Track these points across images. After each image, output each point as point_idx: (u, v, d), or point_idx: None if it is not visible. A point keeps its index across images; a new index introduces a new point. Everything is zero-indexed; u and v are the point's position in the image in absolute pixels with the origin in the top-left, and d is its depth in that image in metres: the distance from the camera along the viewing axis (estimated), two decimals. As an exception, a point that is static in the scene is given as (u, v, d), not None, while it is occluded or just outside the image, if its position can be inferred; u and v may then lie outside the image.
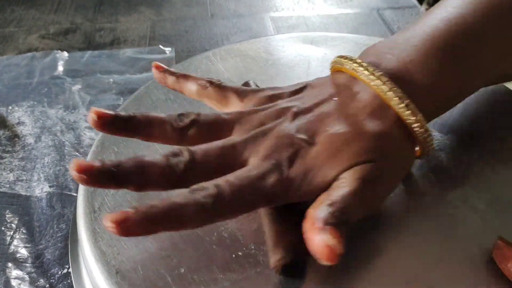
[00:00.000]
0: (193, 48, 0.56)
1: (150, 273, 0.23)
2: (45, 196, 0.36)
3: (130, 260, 0.24)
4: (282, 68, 0.40)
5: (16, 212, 0.34)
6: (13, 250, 0.32)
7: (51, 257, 0.31)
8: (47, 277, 0.30)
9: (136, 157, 0.22)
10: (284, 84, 0.37)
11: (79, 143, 0.41)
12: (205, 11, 0.64)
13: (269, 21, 0.61)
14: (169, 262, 0.24)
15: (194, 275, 0.23)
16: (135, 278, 0.23)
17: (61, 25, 0.61)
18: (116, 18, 0.62)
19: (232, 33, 0.59)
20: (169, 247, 0.25)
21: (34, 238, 0.33)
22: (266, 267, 0.23)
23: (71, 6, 0.65)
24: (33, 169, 0.38)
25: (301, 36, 0.45)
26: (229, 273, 0.23)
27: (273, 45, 0.43)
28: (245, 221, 0.26)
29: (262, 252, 0.24)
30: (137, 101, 0.35)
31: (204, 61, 0.40)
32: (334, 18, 0.62)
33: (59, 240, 0.32)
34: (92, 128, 0.44)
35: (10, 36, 0.58)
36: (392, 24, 0.60)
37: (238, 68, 0.39)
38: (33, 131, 0.42)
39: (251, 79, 0.35)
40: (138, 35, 0.58)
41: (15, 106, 0.45)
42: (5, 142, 0.41)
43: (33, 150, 0.40)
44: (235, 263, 0.24)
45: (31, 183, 0.37)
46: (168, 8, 0.65)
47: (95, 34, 0.59)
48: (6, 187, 0.36)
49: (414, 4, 0.66)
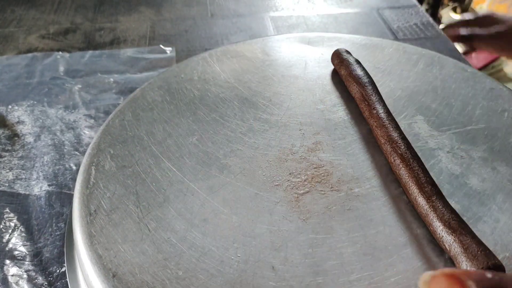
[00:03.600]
0: (193, 48, 0.56)
1: (147, 276, 0.24)
2: (44, 194, 0.36)
3: (127, 263, 0.24)
4: (279, 68, 0.40)
5: (15, 210, 0.35)
6: (11, 248, 0.32)
7: (49, 255, 0.32)
8: (45, 275, 0.31)
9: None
10: (281, 85, 0.38)
11: (79, 142, 0.41)
12: (205, 11, 0.64)
13: (269, 21, 0.62)
14: (167, 265, 0.24)
15: (192, 278, 0.23)
16: (132, 282, 0.23)
17: (61, 25, 0.61)
18: (116, 18, 0.62)
19: (232, 33, 0.59)
20: (166, 250, 0.25)
21: (33, 236, 0.33)
22: (260, 267, 0.24)
23: (71, 6, 0.65)
24: (32, 168, 0.39)
25: (298, 37, 0.45)
26: (226, 274, 0.24)
27: (269, 45, 0.43)
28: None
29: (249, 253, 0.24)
30: (133, 103, 0.36)
31: (201, 63, 0.40)
32: (334, 18, 0.62)
33: (58, 239, 0.33)
34: (91, 127, 0.45)
35: (10, 36, 0.58)
36: (392, 23, 0.60)
37: (235, 69, 0.40)
38: (32, 130, 0.43)
39: (248, 79, 0.35)
40: (138, 35, 0.59)
41: (15, 105, 0.46)
42: (5, 141, 0.41)
43: (32, 149, 0.41)
44: (230, 266, 0.24)
45: (30, 182, 0.37)
46: (168, 8, 0.65)
47: (95, 34, 0.59)
48: (5, 186, 0.37)
49: (414, 4, 0.65)
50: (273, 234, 0.26)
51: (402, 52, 0.41)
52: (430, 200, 0.25)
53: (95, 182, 0.29)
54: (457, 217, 0.24)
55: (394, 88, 0.37)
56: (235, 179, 0.29)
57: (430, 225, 0.24)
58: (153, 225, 0.26)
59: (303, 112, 0.35)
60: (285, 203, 0.28)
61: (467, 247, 0.22)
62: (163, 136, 0.33)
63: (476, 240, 0.23)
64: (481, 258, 0.22)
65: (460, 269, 0.19)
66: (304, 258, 0.24)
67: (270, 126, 0.34)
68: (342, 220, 0.26)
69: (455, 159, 0.30)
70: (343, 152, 0.31)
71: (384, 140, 0.29)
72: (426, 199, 0.25)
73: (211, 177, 0.29)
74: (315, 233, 0.26)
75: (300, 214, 0.27)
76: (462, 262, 0.22)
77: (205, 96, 0.36)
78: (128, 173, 0.30)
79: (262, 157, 0.31)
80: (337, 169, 0.30)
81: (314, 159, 0.31)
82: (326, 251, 0.25)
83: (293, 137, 0.33)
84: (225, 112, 0.35)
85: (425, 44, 0.56)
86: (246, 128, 0.33)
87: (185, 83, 0.38)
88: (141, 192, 0.28)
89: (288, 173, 0.30)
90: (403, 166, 0.27)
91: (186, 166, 0.30)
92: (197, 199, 0.28)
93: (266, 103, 0.36)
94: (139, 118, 0.34)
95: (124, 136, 0.33)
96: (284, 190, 0.28)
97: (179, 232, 0.26)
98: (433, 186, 0.26)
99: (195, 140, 0.32)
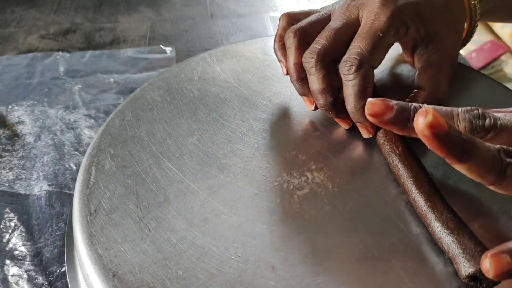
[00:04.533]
0: (192, 47, 0.56)
1: (147, 276, 0.24)
2: (44, 194, 0.36)
3: (127, 263, 0.24)
4: (278, 68, 0.40)
5: (15, 210, 0.35)
6: (11, 248, 0.32)
7: (49, 255, 0.32)
8: (45, 275, 0.31)
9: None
10: (281, 85, 0.38)
11: (79, 142, 0.41)
12: (205, 11, 0.64)
13: (269, 20, 0.62)
14: (167, 264, 0.24)
15: (192, 278, 0.23)
16: (132, 281, 0.23)
17: (61, 25, 0.61)
18: (116, 18, 0.63)
19: (232, 33, 0.59)
20: (166, 249, 0.25)
21: (33, 236, 0.33)
22: (257, 267, 0.24)
23: (71, 6, 0.65)
24: (32, 168, 0.39)
25: (298, 37, 0.45)
26: (226, 273, 0.24)
27: (269, 45, 0.43)
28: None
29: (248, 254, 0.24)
30: (133, 103, 0.36)
31: (201, 63, 0.40)
32: (333, 18, 0.62)
33: (58, 239, 0.33)
34: (91, 127, 0.45)
35: (10, 36, 0.58)
36: (391, 24, 0.60)
37: (235, 69, 0.40)
38: (32, 130, 0.43)
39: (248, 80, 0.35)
40: (138, 35, 0.59)
41: (15, 105, 0.46)
42: (5, 141, 0.41)
43: (32, 149, 0.41)
44: (230, 266, 0.24)
45: (30, 182, 0.37)
46: (168, 8, 0.65)
47: (95, 34, 0.59)
48: (5, 186, 0.37)
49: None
50: (273, 234, 0.26)
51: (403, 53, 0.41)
52: (429, 201, 0.25)
53: (95, 182, 0.29)
54: (455, 217, 0.24)
55: (394, 88, 0.37)
56: (235, 179, 0.29)
57: (429, 226, 0.24)
58: (153, 224, 0.26)
59: (303, 112, 0.35)
60: (285, 203, 0.28)
61: (465, 248, 0.22)
62: (163, 136, 0.33)
63: (474, 241, 0.23)
64: (478, 258, 0.22)
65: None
66: (304, 258, 0.24)
67: (270, 126, 0.34)
68: (342, 220, 0.26)
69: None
70: (343, 152, 0.31)
71: (382, 141, 0.29)
72: (425, 200, 0.25)
73: (211, 177, 0.29)
74: (315, 233, 0.26)
75: (300, 214, 0.27)
76: (460, 263, 0.22)
77: (205, 96, 0.37)
78: (128, 173, 0.30)
79: (262, 157, 0.31)
80: (337, 169, 0.30)
81: (314, 159, 0.31)
82: (326, 251, 0.25)
83: (293, 137, 0.33)
84: (225, 112, 0.35)
85: (425, 44, 0.56)
86: (246, 128, 0.33)
87: (185, 83, 0.38)
88: (141, 192, 0.28)
89: (288, 173, 0.30)
90: (402, 167, 0.27)
91: (186, 166, 0.30)
92: (197, 199, 0.28)
93: (266, 103, 0.36)
94: (139, 118, 0.34)
95: (124, 136, 0.33)
96: (284, 190, 0.28)
97: (179, 231, 0.26)
98: (431, 186, 0.26)
99: (195, 140, 0.32)
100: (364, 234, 0.26)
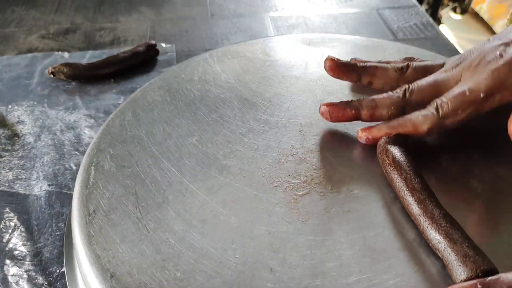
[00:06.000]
0: (193, 48, 0.56)
1: (145, 277, 0.24)
2: (44, 194, 0.36)
3: (125, 264, 0.24)
4: (279, 69, 0.40)
5: (15, 210, 0.35)
6: (11, 248, 0.32)
7: (49, 255, 0.32)
8: (45, 275, 0.31)
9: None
10: (281, 85, 0.38)
11: (79, 142, 0.41)
12: (205, 11, 0.64)
13: (269, 21, 0.62)
14: (165, 266, 0.24)
15: (190, 279, 0.23)
16: (130, 282, 0.23)
17: (61, 25, 0.61)
18: (116, 18, 0.63)
19: (232, 33, 0.59)
20: (165, 251, 0.25)
21: (33, 236, 0.33)
22: (255, 269, 0.24)
23: (71, 6, 0.65)
24: (32, 168, 0.39)
25: (299, 37, 0.45)
26: (224, 275, 0.24)
27: (270, 46, 0.43)
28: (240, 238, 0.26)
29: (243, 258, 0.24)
30: (133, 103, 0.36)
31: (202, 63, 0.40)
32: (333, 18, 0.62)
33: (58, 239, 0.33)
34: (91, 127, 0.45)
35: (10, 36, 0.58)
36: (392, 23, 0.60)
37: (235, 69, 0.40)
38: (32, 130, 0.43)
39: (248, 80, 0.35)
40: (138, 34, 0.59)
41: (15, 105, 0.46)
42: (5, 141, 0.41)
43: (32, 149, 0.41)
44: (229, 267, 0.24)
45: (30, 182, 0.37)
46: (168, 8, 0.65)
47: (95, 34, 0.59)
48: (5, 186, 0.37)
49: (414, 4, 0.65)
50: (271, 236, 0.26)
51: (403, 53, 0.41)
52: (420, 208, 0.25)
53: (95, 182, 0.29)
54: (447, 222, 0.24)
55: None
56: (234, 180, 0.29)
57: (423, 233, 0.25)
58: (151, 225, 0.26)
59: (303, 113, 0.35)
60: (284, 204, 0.28)
61: (457, 253, 0.22)
62: (163, 136, 0.33)
63: (467, 245, 0.23)
64: (470, 264, 0.22)
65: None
66: (303, 259, 0.24)
67: (270, 127, 0.34)
68: (341, 222, 0.26)
69: (455, 159, 0.30)
70: (343, 154, 0.31)
71: (378, 151, 0.29)
72: (417, 206, 0.25)
73: (210, 178, 0.29)
74: (314, 235, 0.26)
75: (299, 215, 0.27)
76: (452, 269, 0.22)
77: (205, 96, 0.37)
78: (128, 173, 0.30)
79: (262, 158, 0.31)
80: (337, 170, 0.30)
81: (314, 160, 0.31)
82: (325, 253, 0.25)
83: (293, 138, 0.33)
84: (225, 112, 0.35)
85: (425, 44, 0.56)
86: (246, 129, 0.33)
87: (186, 84, 0.38)
88: (140, 193, 0.28)
89: (287, 174, 0.30)
90: (396, 175, 0.27)
91: (185, 166, 0.30)
92: (196, 200, 0.28)
93: (266, 104, 0.36)
94: (139, 118, 0.34)
95: (124, 136, 0.33)
96: (283, 191, 0.28)
97: (177, 233, 0.26)
98: (422, 191, 0.26)
99: (194, 140, 0.32)
100: (363, 236, 0.26)
